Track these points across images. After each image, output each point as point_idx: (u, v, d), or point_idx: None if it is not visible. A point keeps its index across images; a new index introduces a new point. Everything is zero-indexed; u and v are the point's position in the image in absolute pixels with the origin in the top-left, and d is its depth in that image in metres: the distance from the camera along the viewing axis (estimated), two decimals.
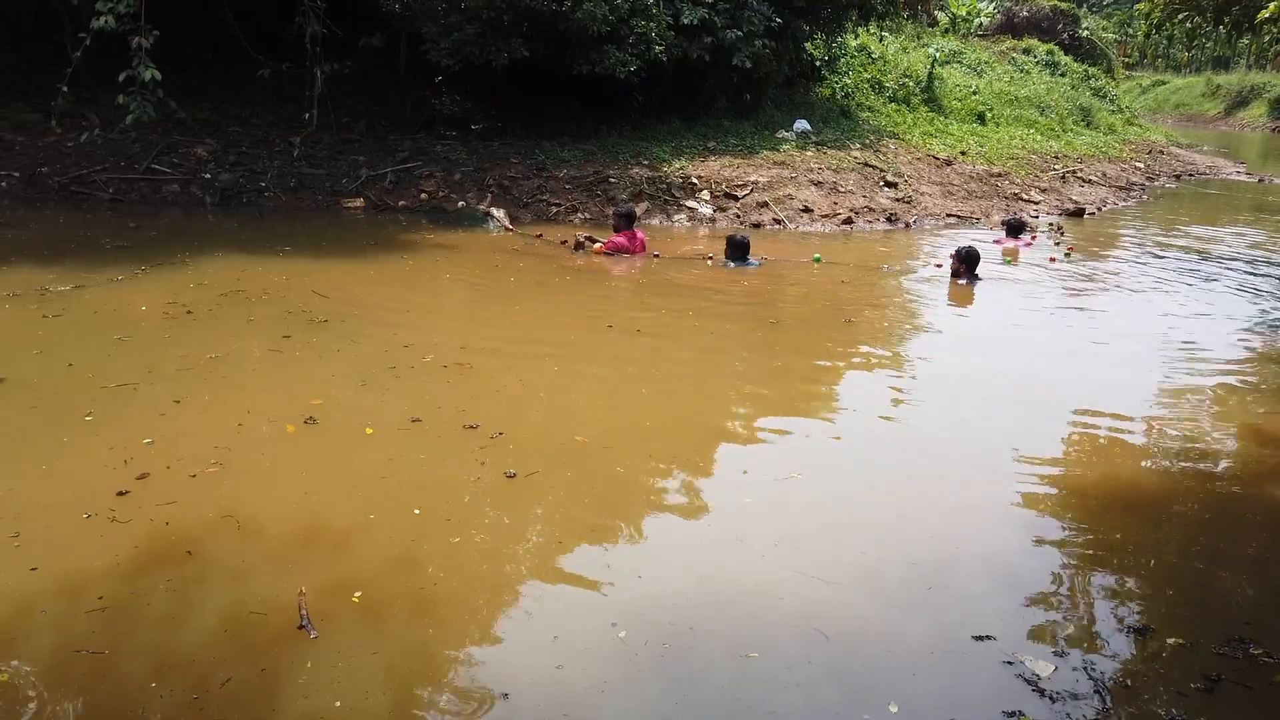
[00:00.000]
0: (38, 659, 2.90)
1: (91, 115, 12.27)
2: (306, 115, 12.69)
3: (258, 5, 13.37)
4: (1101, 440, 5.08)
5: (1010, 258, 10.10)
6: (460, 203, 11.70)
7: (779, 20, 14.29)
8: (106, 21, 9.77)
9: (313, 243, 9.59)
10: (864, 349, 6.69)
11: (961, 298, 8.36)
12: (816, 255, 9.69)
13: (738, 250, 9.11)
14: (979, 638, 3.16)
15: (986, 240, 11.14)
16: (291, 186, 11.99)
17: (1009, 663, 3.03)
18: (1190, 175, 21.69)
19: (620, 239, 9.41)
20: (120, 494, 3.88)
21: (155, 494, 3.90)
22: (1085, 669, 3.02)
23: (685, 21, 13.31)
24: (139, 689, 2.76)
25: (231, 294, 7.22)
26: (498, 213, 11.13)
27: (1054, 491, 4.37)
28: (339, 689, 2.78)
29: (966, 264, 8.61)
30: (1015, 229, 11.12)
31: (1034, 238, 11.36)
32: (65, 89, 10.50)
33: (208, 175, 11.90)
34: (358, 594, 3.27)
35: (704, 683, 2.91)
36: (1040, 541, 3.91)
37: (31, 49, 13.61)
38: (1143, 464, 4.79)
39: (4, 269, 7.73)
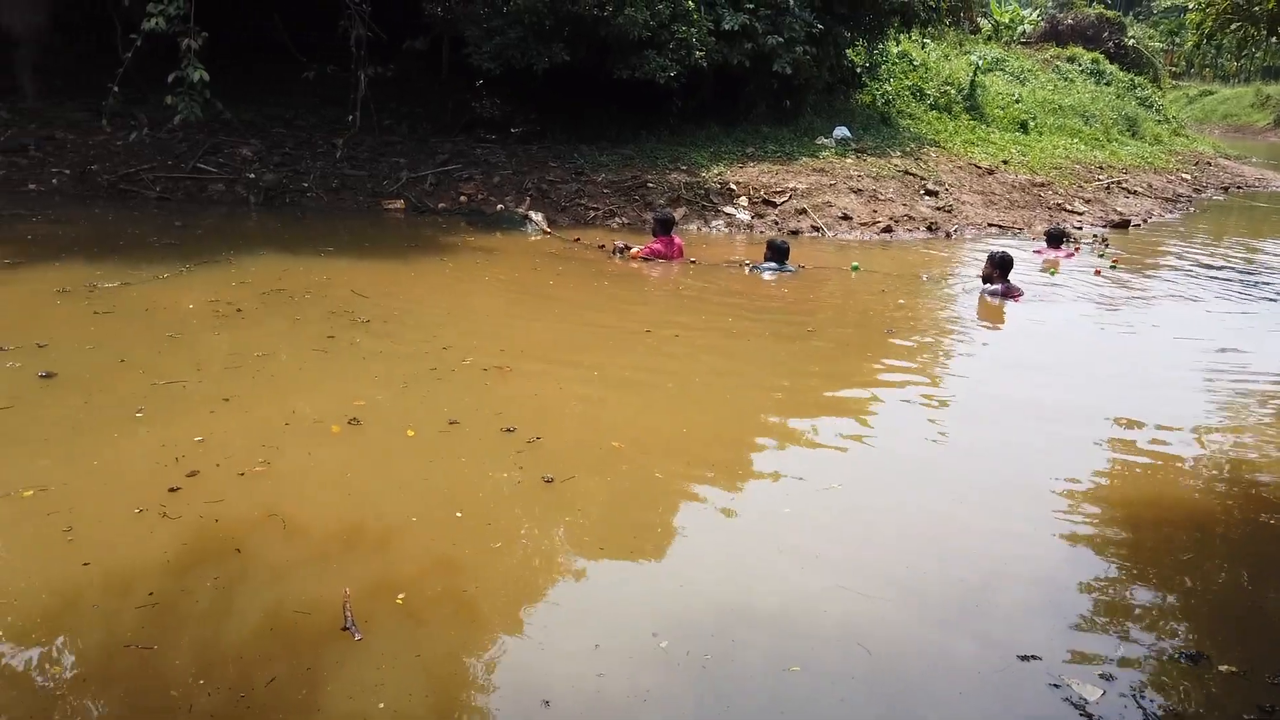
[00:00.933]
0: (88, 653, 2.95)
1: (140, 115, 12.50)
2: (350, 117, 12.84)
3: (304, 9, 13.56)
4: (1146, 458, 4.99)
5: (1052, 269, 9.95)
6: (499, 205, 11.76)
7: (820, 26, 14.23)
8: (157, 23, 9.95)
9: (354, 243, 9.69)
10: (903, 360, 6.63)
11: (990, 307, 8.24)
12: (854, 264, 9.63)
13: (777, 253, 9.08)
14: (1024, 657, 3.11)
15: (1026, 250, 11.00)
16: (333, 187, 12.13)
17: (1055, 685, 2.98)
18: (1239, 187, 21.27)
19: (658, 245, 9.42)
20: (171, 490, 3.94)
21: (205, 491, 3.95)
22: (1134, 695, 2.96)
23: (726, 27, 13.30)
24: (186, 685, 2.79)
25: (276, 293, 7.31)
26: (536, 216, 11.18)
27: (1098, 510, 4.30)
28: (382, 691, 2.80)
29: (1000, 269, 8.44)
30: (1056, 239, 10.90)
31: (1076, 249, 11.18)
32: (116, 89, 10.70)
33: (252, 175, 12.07)
34: (401, 595, 3.29)
35: (745, 695, 2.89)
36: (1084, 561, 3.84)
37: (85, 49, 13.89)
38: (1188, 483, 4.69)
39: (55, 265, 7.88)
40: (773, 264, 9.07)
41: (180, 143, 12.48)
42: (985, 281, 8.53)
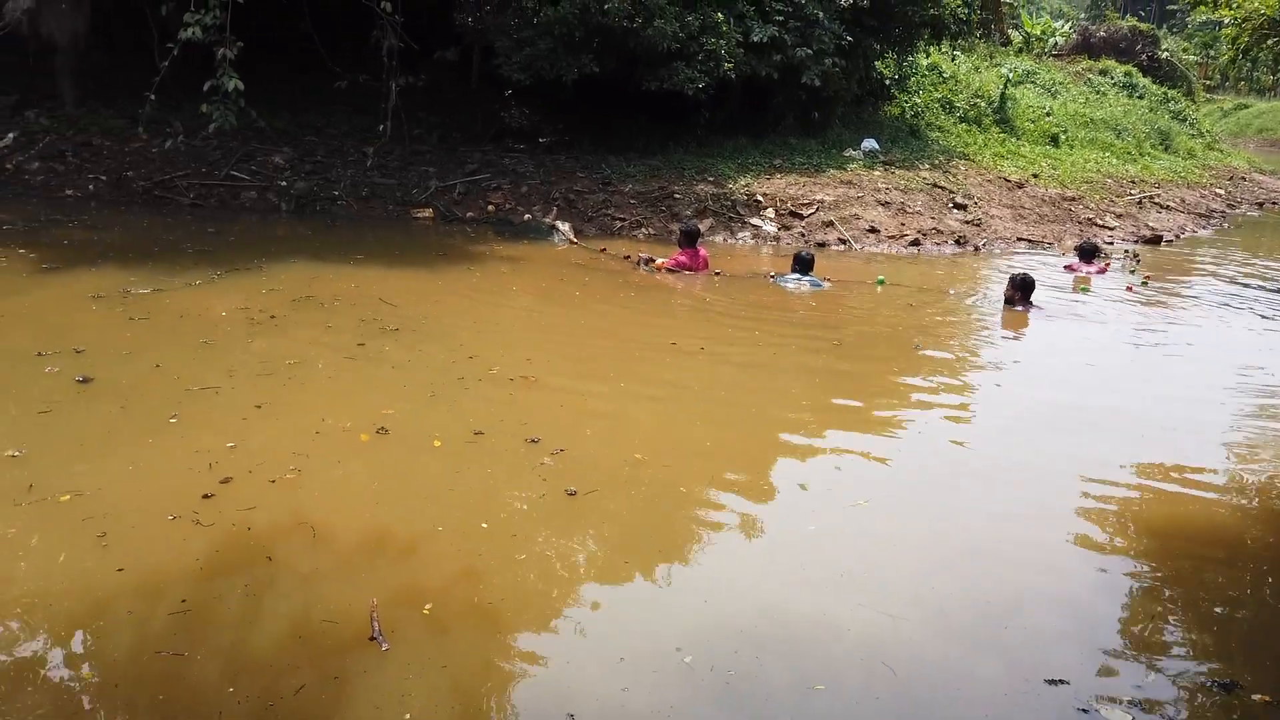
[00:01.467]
0: (120, 659, 2.99)
1: (176, 122, 12.69)
2: (380, 126, 12.97)
3: (337, 19, 13.72)
4: (1176, 477, 4.92)
5: (1084, 285, 9.85)
6: (526, 215, 11.83)
7: (849, 39, 14.21)
8: (194, 33, 10.12)
9: (383, 251, 9.78)
10: (930, 375, 6.59)
11: (1017, 323, 8.18)
12: (880, 277, 9.59)
13: (802, 264, 9.07)
14: (1052, 681, 3.08)
15: (1057, 265, 10.91)
16: (364, 195, 12.26)
17: (1084, 710, 2.95)
18: (1275, 203, 20.97)
19: (683, 257, 9.43)
20: (206, 497, 4.00)
21: (237, 498, 4.00)
22: None
23: (755, 39, 13.31)
24: (215, 692, 2.83)
25: (307, 300, 7.39)
26: (563, 226, 11.23)
27: (1127, 530, 4.25)
28: (408, 701, 2.82)
29: (1021, 291, 8.42)
30: (1089, 253, 10.76)
31: (1107, 264, 11.06)
32: (152, 96, 10.88)
33: (284, 183, 12.22)
34: (428, 606, 3.31)
35: (769, 713, 2.88)
36: (1113, 582, 3.80)
37: (122, 57, 14.13)
38: (1219, 506, 4.62)
39: (91, 270, 8.01)
40: (795, 274, 9.06)
41: (214, 150, 12.66)
42: (1008, 303, 8.51)
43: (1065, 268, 10.74)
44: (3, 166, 12.09)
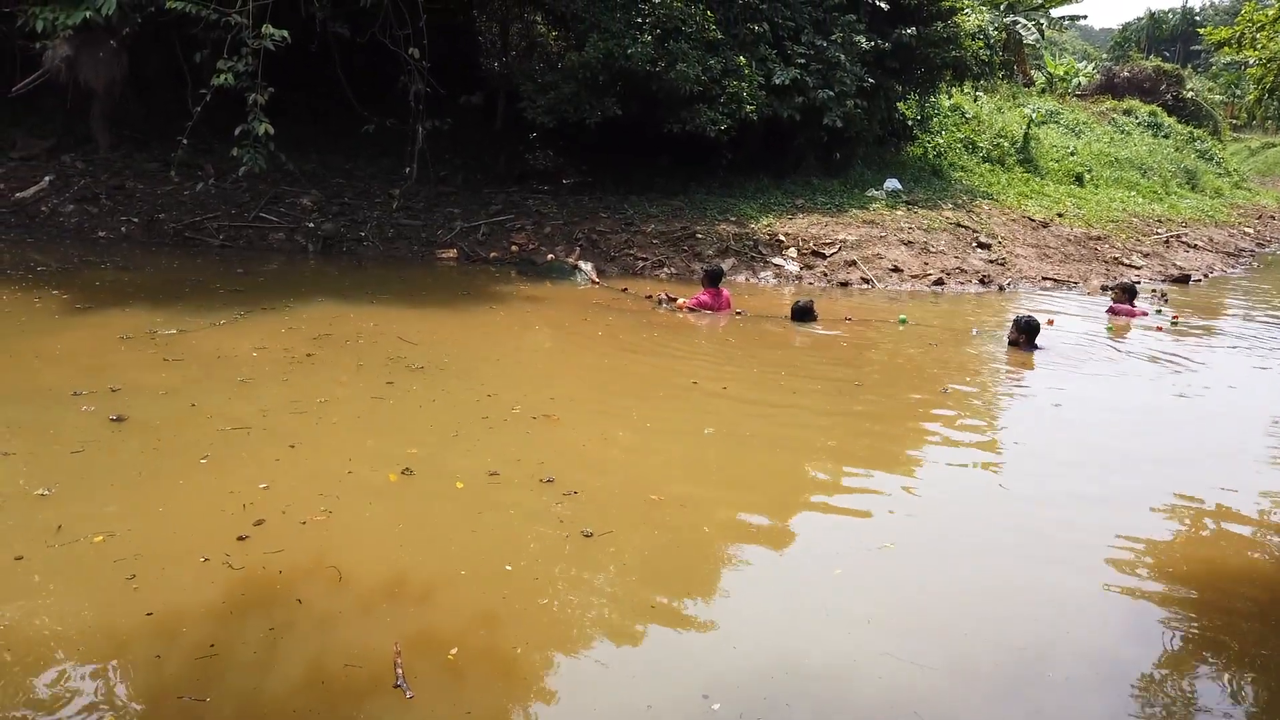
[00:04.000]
0: (144, 703, 2.97)
1: (207, 165, 12.94)
2: (406, 169, 13.15)
3: (365, 64, 13.99)
4: (1208, 524, 4.81)
5: (1113, 326, 9.72)
6: (549, 255, 11.90)
7: (871, 80, 14.30)
8: (226, 79, 10.32)
9: (409, 292, 9.85)
10: (956, 417, 6.51)
11: (1022, 362, 8.09)
12: (902, 316, 9.54)
13: (800, 315, 9.04)
14: None
15: (1090, 303, 10.79)
16: (389, 236, 12.40)
17: None
18: None
19: (705, 296, 9.44)
20: (240, 539, 4.00)
21: (269, 541, 4.00)
22: None
23: (777, 81, 13.43)
24: None
25: (336, 340, 7.45)
26: (585, 266, 11.29)
27: (1157, 579, 4.14)
28: None
29: (1026, 334, 8.37)
30: (1130, 292, 10.49)
31: (1146, 313, 10.87)
32: (185, 141, 11.11)
33: (311, 224, 12.39)
34: (453, 651, 3.28)
35: None
36: (1147, 632, 3.70)
37: (156, 102, 14.46)
38: (1252, 554, 4.50)
39: (123, 310, 8.12)
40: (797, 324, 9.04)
41: (244, 192, 12.88)
42: (1012, 345, 8.43)
43: (1108, 311, 10.46)
44: (39, 209, 12.35)
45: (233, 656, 3.20)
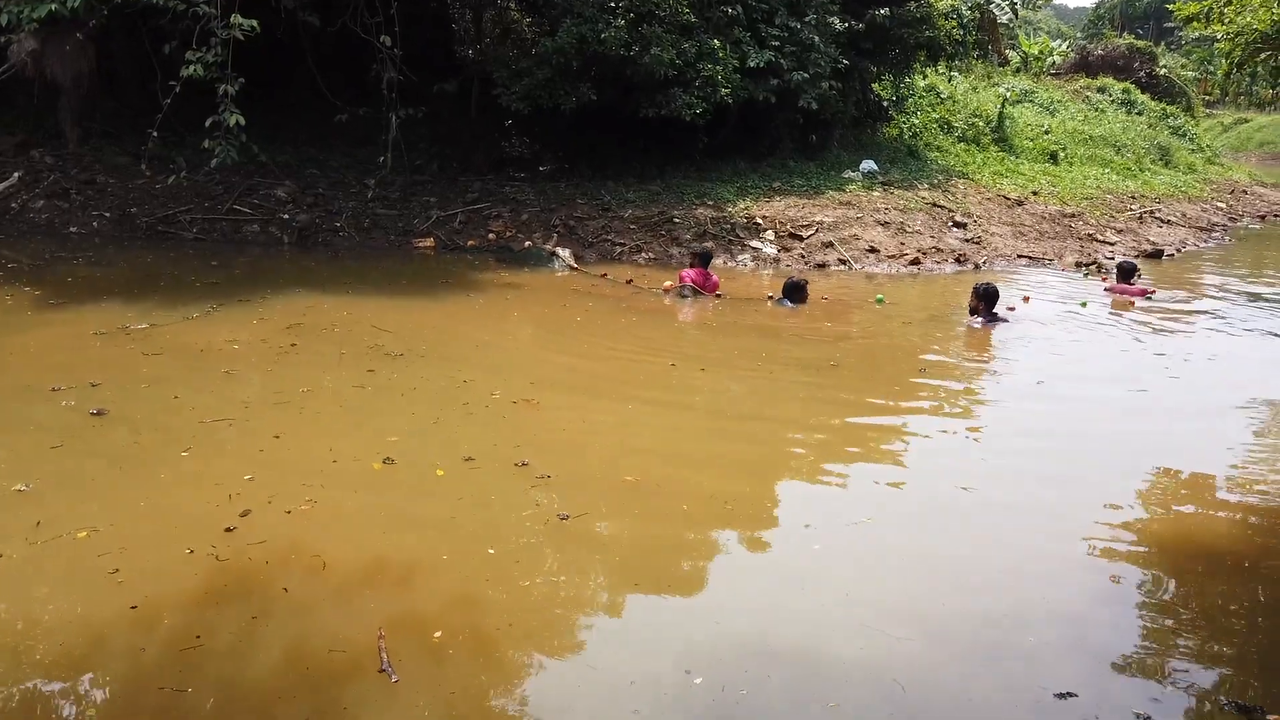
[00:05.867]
0: (127, 695, 2.98)
1: (179, 158, 12.81)
2: (381, 158, 13.07)
3: (338, 53, 13.87)
4: (1181, 495, 4.90)
5: (1086, 303, 9.79)
6: (527, 242, 11.88)
7: (846, 62, 14.32)
8: (196, 70, 10.22)
9: (387, 281, 9.82)
10: (930, 393, 6.57)
11: (980, 342, 8.16)
12: (879, 296, 9.60)
13: (791, 292, 9.06)
14: (1061, 695, 3.05)
15: (1086, 283, 10.88)
16: (365, 226, 12.33)
17: None
18: (1277, 215, 20.98)
19: (694, 274, 9.39)
20: (228, 530, 3.99)
21: (255, 531, 3.99)
22: None
23: (752, 64, 13.42)
24: None
25: (314, 331, 7.43)
26: (563, 252, 11.27)
27: (1132, 548, 4.21)
28: None
29: (985, 301, 8.43)
30: (1128, 273, 10.38)
31: (1104, 277, 10.97)
32: (155, 134, 10.99)
33: (286, 216, 12.30)
34: (437, 634, 3.30)
35: None
36: (1121, 598, 3.77)
37: (125, 95, 14.30)
38: (1224, 521, 4.58)
39: (98, 306, 8.05)
40: (789, 301, 9.05)
41: (217, 185, 12.77)
42: (972, 314, 8.51)
43: (1106, 290, 10.43)
44: (8, 205, 12.20)
45: (217, 646, 3.20)
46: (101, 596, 3.48)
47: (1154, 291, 10.37)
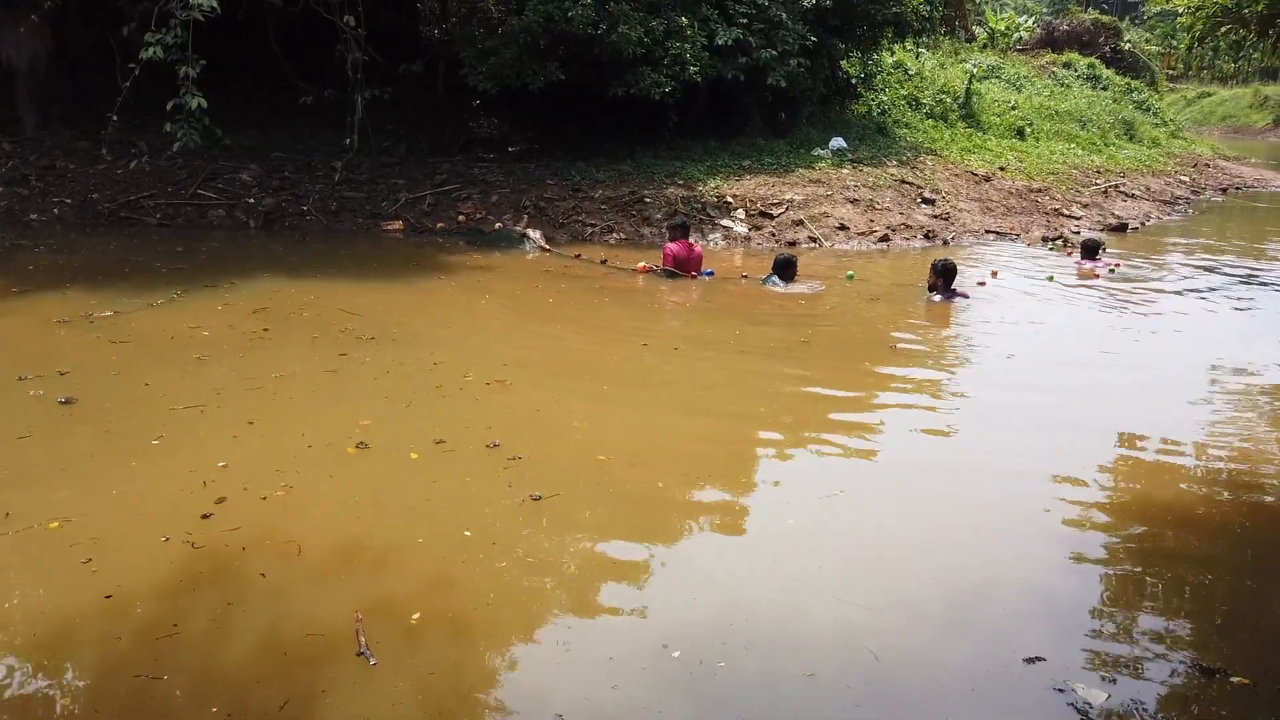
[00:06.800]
0: (104, 685, 2.97)
1: (140, 143, 12.60)
2: (348, 140, 12.92)
3: (301, 34, 13.67)
4: (1146, 464, 5.00)
5: (1052, 277, 9.94)
6: (497, 224, 11.82)
7: (814, 39, 14.32)
8: (155, 52, 10.03)
9: (356, 265, 9.74)
10: (900, 369, 6.64)
11: (942, 317, 8.25)
12: (849, 273, 9.66)
13: (781, 268, 9.07)
14: (1030, 660, 3.13)
15: (1052, 261, 10.99)
16: (333, 210, 12.20)
17: (1060, 689, 2.98)
18: (1238, 188, 21.31)
19: (677, 248, 9.34)
20: (204, 517, 3.97)
21: (231, 518, 3.98)
22: (1139, 702, 2.96)
23: (720, 42, 13.38)
24: (201, 712, 2.82)
25: (288, 316, 7.37)
26: (534, 234, 11.23)
27: (1098, 517, 4.31)
28: (398, 710, 2.82)
29: (942, 277, 8.51)
30: (1092, 250, 10.71)
31: (1069, 252, 11.14)
32: (114, 117, 10.78)
33: (251, 200, 12.14)
34: (415, 616, 3.31)
35: (761, 701, 2.91)
36: (1087, 567, 3.86)
37: (84, 79, 14.02)
38: (1190, 489, 4.68)
39: (62, 293, 7.92)
40: (779, 281, 9.06)
41: (180, 169, 12.57)
42: (931, 290, 8.60)
43: (1076, 263, 10.71)
44: None
45: (193, 633, 3.19)
46: (75, 587, 3.45)
47: (1118, 265, 10.54)
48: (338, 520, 4.03)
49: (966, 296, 8.66)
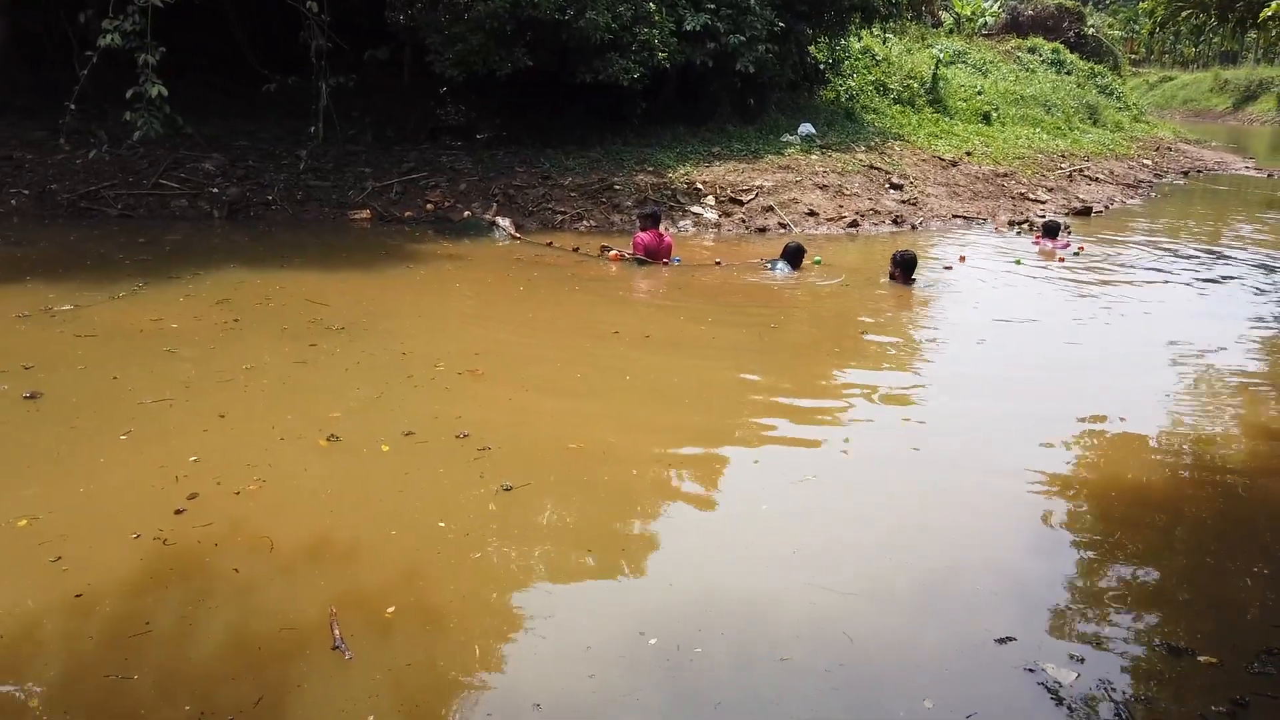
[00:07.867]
0: (76, 687, 2.93)
1: (100, 132, 12.34)
2: (313, 128, 12.74)
3: (264, 21, 13.45)
4: (1111, 444, 5.09)
5: (1021, 261, 10.06)
6: (466, 212, 11.73)
7: (782, 24, 14.32)
8: (113, 39, 9.83)
9: (322, 255, 9.63)
10: (870, 354, 6.70)
11: (906, 303, 8.33)
12: (817, 258, 9.71)
13: (788, 255, 9.11)
14: (1001, 640, 3.18)
15: (1018, 244, 11.12)
16: (298, 199, 12.04)
17: (1030, 670, 3.04)
18: (1199, 171, 21.64)
19: (648, 237, 9.34)
20: (178, 513, 3.93)
21: (203, 514, 3.93)
22: (1107, 681, 3.03)
23: (688, 28, 13.35)
24: (174, 709, 2.80)
25: (255, 307, 7.27)
26: (503, 222, 11.16)
27: (1065, 497, 4.38)
28: (374, 704, 2.82)
29: (901, 268, 8.61)
30: (1052, 231, 11.17)
31: (1082, 248, 11.30)
32: (72, 106, 10.56)
33: (215, 189, 11.95)
34: (390, 609, 3.31)
35: (738, 684, 2.94)
36: (1055, 549, 3.94)
37: (41, 67, 13.71)
38: (1155, 470, 4.78)
39: (22, 286, 7.76)
40: (782, 264, 9.11)
41: (141, 159, 12.34)
42: (890, 279, 8.68)
43: (1035, 241, 11.29)
44: None
45: (165, 631, 3.16)
46: (44, 586, 3.40)
47: (1082, 248, 10.69)
48: (311, 514, 4.00)
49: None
